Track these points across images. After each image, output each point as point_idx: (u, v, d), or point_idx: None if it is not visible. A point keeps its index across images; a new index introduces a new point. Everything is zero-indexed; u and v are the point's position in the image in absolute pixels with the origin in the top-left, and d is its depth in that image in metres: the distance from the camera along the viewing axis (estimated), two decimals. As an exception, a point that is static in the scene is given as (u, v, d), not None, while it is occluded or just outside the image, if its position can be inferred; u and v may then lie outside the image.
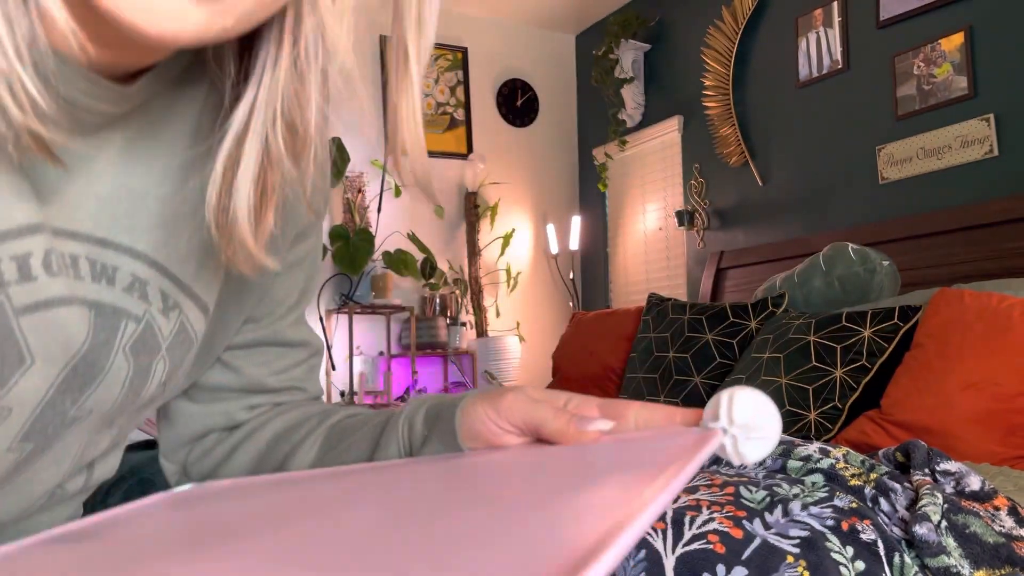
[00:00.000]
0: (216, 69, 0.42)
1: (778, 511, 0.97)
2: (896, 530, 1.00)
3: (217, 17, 0.33)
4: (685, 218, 3.54)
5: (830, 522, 0.94)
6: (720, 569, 0.85)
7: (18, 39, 0.30)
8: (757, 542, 0.89)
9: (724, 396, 0.35)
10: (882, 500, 1.05)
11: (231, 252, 0.40)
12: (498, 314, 4.20)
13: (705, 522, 0.92)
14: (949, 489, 1.15)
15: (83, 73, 0.35)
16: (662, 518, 0.92)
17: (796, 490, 1.04)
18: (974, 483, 1.15)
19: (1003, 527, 1.05)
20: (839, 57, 2.86)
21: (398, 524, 0.27)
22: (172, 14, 0.31)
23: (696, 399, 2.25)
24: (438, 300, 3.91)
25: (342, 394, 3.71)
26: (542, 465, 0.36)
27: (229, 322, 0.51)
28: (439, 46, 4.08)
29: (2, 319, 0.37)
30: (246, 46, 0.40)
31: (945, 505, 1.02)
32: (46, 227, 0.38)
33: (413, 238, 3.88)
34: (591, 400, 0.42)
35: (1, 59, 0.29)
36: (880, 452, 1.30)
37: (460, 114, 4.19)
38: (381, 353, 3.83)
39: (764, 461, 1.25)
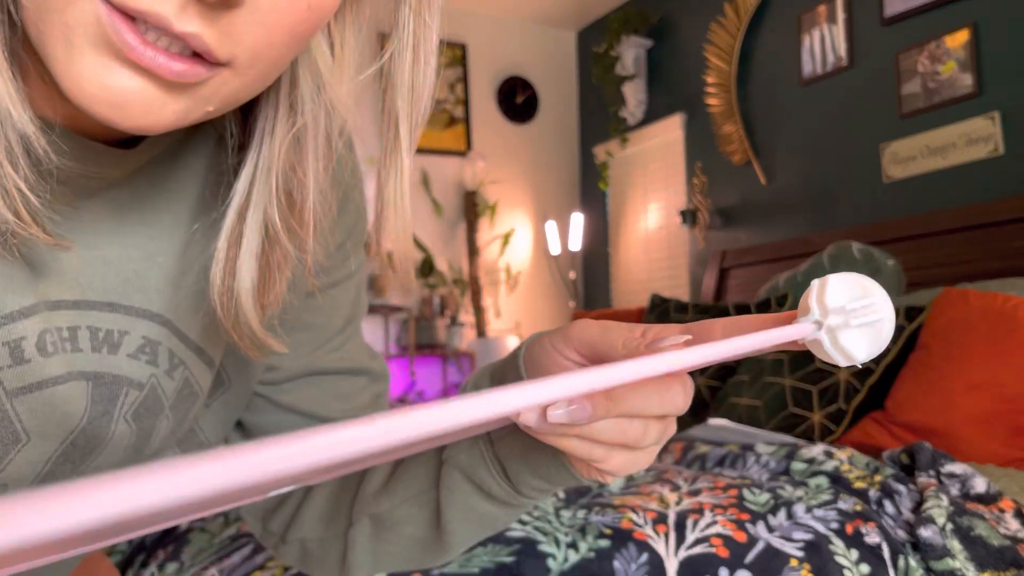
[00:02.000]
0: (222, 125, 0.40)
1: (782, 514, 0.95)
2: (901, 533, 0.99)
3: (198, 104, 0.31)
4: (688, 217, 3.52)
5: (834, 525, 0.93)
6: (723, 572, 0.83)
7: (9, 137, 0.29)
8: (761, 545, 0.88)
9: (815, 284, 0.29)
10: (887, 502, 1.04)
11: (237, 335, 0.39)
12: (498, 314, 4.19)
13: (708, 525, 0.90)
14: (954, 491, 1.14)
15: (80, 141, 0.34)
16: (664, 520, 0.90)
17: (800, 492, 1.03)
18: (979, 485, 1.14)
19: (1008, 529, 1.04)
20: (843, 54, 2.84)
21: None
22: (146, 108, 0.30)
23: (696, 400, 2.24)
24: (437, 300, 3.89)
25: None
26: None
27: (254, 367, 0.49)
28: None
29: None
30: (249, 106, 0.38)
31: (950, 507, 1.01)
32: (40, 306, 0.37)
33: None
34: (673, 326, 0.37)
35: None
36: (885, 454, 1.29)
37: (459, 111, 4.17)
38: (379, 353, 3.82)
39: (768, 462, 1.24)
